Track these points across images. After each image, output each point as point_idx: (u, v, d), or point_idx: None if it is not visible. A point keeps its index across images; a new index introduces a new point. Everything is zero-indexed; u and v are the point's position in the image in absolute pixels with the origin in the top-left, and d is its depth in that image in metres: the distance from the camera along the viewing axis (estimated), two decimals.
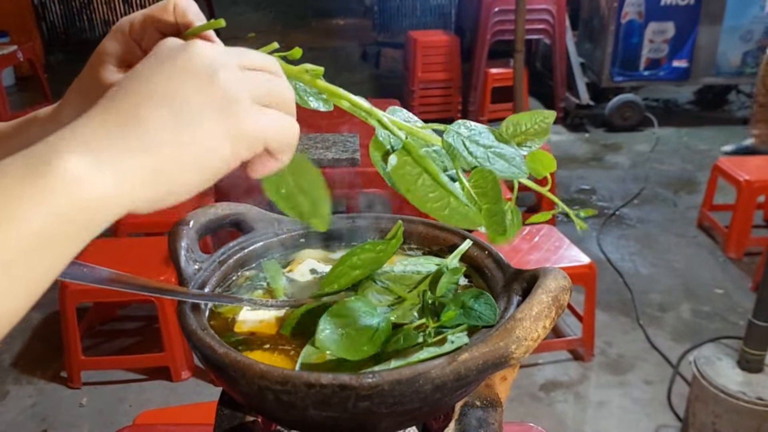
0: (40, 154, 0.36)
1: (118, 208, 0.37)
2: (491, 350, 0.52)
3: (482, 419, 0.66)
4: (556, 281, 0.55)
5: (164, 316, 2.23)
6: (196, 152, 0.39)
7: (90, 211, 0.36)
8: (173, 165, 0.39)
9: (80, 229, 0.36)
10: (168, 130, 0.38)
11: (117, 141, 0.37)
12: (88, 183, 0.36)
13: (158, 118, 0.38)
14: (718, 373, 1.82)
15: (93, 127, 0.38)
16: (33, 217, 0.34)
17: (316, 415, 0.51)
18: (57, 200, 0.35)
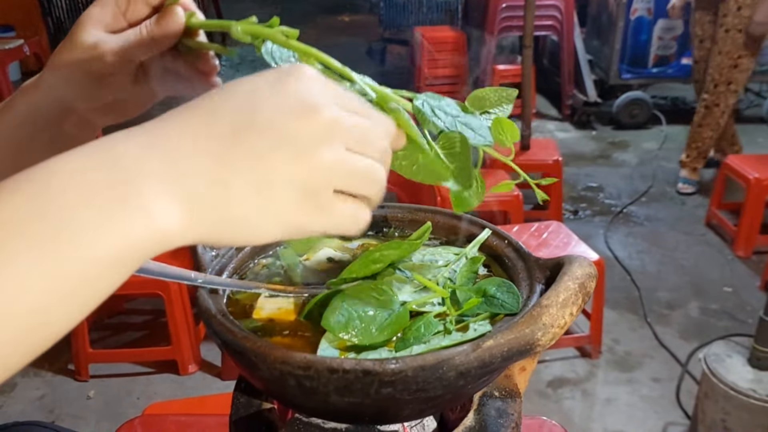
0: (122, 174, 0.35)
1: (179, 243, 0.38)
2: (517, 337, 0.51)
3: (501, 410, 0.66)
4: (582, 268, 0.55)
5: (171, 309, 2.23)
6: (264, 218, 0.39)
7: (157, 244, 0.36)
8: (239, 222, 0.39)
9: (141, 259, 0.37)
10: (248, 190, 0.38)
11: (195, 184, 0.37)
12: (162, 219, 0.36)
13: (245, 174, 0.38)
14: (728, 370, 1.80)
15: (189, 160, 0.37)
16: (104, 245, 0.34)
17: (338, 401, 0.51)
18: (131, 232, 0.35)
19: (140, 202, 0.35)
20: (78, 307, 0.35)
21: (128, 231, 0.35)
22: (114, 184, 0.35)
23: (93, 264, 0.34)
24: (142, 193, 0.35)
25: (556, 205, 3.21)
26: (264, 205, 0.39)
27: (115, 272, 0.36)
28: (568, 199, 3.74)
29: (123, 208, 0.34)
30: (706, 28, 3.58)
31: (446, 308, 0.60)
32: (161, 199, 0.36)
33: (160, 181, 0.36)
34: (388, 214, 0.78)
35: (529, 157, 3.20)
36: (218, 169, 0.37)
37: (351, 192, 0.42)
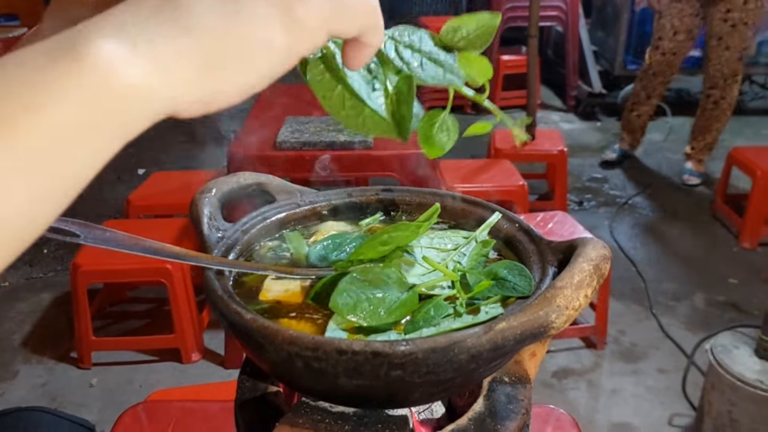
0: (67, 39, 0.31)
1: (157, 102, 0.32)
2: (530, 319, 0.50)
3: (511, 395, 0.64)
4: (596, 250, 0.53)
5: (174, 298, 2.22)
6: (245, 41, 0.34)
7: (125, 101, 0.31)
8: (219, 54, 0.33)
9: (115, 124, 0.31)
10: (212, 14, 0.33)
11: (155, 24, 0.32)
12: (123, 68, 0.31)
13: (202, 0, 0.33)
14: (734, 361, 1.79)
15: (130, 12, 0.32)
16: (62, 105, 0.29)
17: (347, 383, 0.49)
18: (88, 88, 0.30)
19: (87, 57, 0.30)
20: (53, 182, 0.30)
21: (83, 89, 0.30)
22: (63, 49, 0.31)
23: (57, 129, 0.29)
24: (88, 49, 0.30)
25: (561, 196, 3.20)
26: (236, 27, 0.33)
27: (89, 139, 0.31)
28: (573, 189, 3.72)
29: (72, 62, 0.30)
30: (686, 21, 3.53)
31: (456, 291, 0.59)
32: (111, 52, 0.31)
33: (106, 37, 0.31)
34: (395, 198, 0.76)
35: (533, 147, 3.18)
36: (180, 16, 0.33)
37: None
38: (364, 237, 0.67)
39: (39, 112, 0.29)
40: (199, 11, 0.33)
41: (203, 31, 0.33)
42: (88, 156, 0.31)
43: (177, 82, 0.32)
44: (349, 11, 0.38)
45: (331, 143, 2.12)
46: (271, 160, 2.12)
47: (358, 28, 0.39)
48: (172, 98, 0.33)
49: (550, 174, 3.41)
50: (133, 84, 0.31)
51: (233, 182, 0.72)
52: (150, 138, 2.31)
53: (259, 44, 0.34)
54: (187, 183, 2.73)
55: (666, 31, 3.59)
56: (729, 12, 3.37)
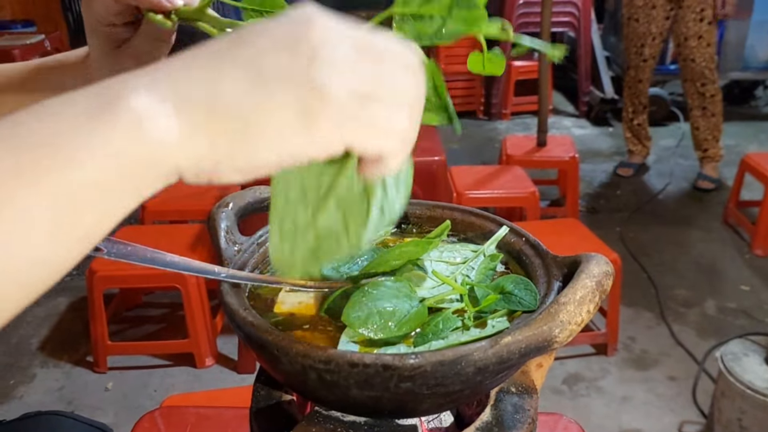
0: (110, 89, 0.33)
1: (175, 161, 0.34)
2: (534, 334, 0.51)
3: (518, 405, 0.66)
4: (599, 266, 0.55)
5: (189, 303, 2.26)
6: (265, 123, 0.34)
7: (149, 156, 0.33)
8: (238, 128, 0.34)
9: (135, 180, 0.33)
10: (241, 89, 0.34)
11: (187, 87, 0.34)
12: (151, 120, 0.32)
13: (235, 73, 0.34)
14: (745, 369, 1.79)
15: (167, 70, 0.34)
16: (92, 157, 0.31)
17: (358, 394, 0.52)
18: (119, 141, 0.31)
19: (126, 108, 0.32)
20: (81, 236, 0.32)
21: (116, 141, 0.31)
22: (98, 101, 0.32)
23: (87, 184, 0.31)
24: (129, 100, 0.32)
25: (573, 202, 3.20)
26: (262, 103, 0.34)
27: (114, 190, 0.32)
28: (585, 195, 3.73)
29: (108, 117, 0.32)
30: (659, 25, 3.62)
31: (464, 305, 0.61)
32: (148, 103, 0.32)
33: (146, 88, 0.33)
34: (406, 211, 0.78)
35: (545, 153, 3.19)
36: (208, 72, 0.34)
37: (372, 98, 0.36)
38: (377, 250, 0.69)
39: (69, 167, 0.31)
40: (230, 96, 0.34)
41: (230, 115, 0.34)
42: (107, 211, 0.33)
43: (197, 143, 0.34)
44: (374, 133, 0.37)
45: None
46: None
47: (379, 151, 0.38)
48: (189, 158, 0.34)
49: (562, 180, 3.41)
50: (159, 138, 0.32)
51: (249, 196, 0.75)
52: None
53: (277, 131, 0.35)
54: (202, 189, 2.76)
55: (646, 38, 3.67)
56: (704, 11, 3.47)
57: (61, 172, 0.30)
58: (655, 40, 3.67)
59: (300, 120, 0.34)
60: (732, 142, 4.50)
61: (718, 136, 3.72)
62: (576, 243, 2.34)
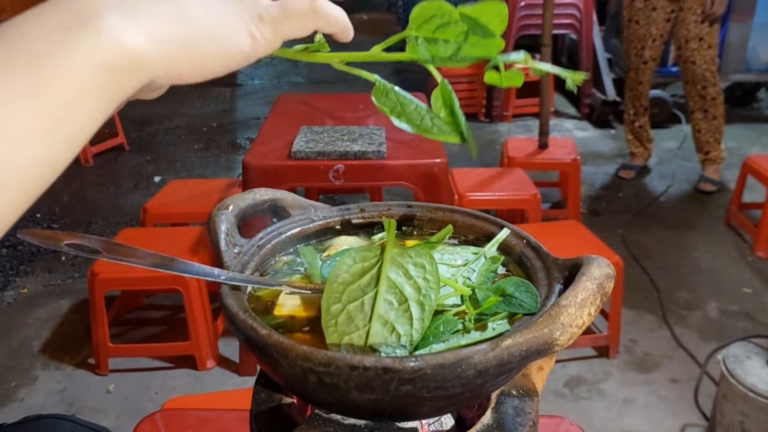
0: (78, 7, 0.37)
1: (147, 68, 0.39)
2: (535, 336, 0.51)
3: (519, 408, 0.66)
4: (600, 269, 0.55)
5: (190, 305, 2.26)
6: (221, 28, 0.42)
7: (125, 66, 0.37)
8: (200, 35, 0.41)
9: (113, 88, 0.37)
10: (201, 7, 0.41)
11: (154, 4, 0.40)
12: (127, 37, 0.37)
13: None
14: (747, 372, 1.79)
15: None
16: (76, 67, 0.35)
17: (358, 397, 0.51)
18: (98, 52, 0.36)
19: (97, 24, 0.36)
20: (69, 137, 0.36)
21: (93, 50, 0.36)
22: (73, 16, 0.37)
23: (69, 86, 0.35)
24: (99, 18, 0.37)
25: (574, 204, 3.20)
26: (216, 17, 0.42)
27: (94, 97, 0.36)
28: (587, 198, 3.73)
29: (85, 29, 0.36)
30: (660, 27, 3.63)
31: (465, 307, 0.61)
32: (118, 18, 0.37)
33: (112, 9, 0.38)
34: (407, 213, 0.78)
35: (546, 156, 3.19)
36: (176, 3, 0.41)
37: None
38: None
39: (57, 75, 0.35)
40: (192, 3, 0.41)
41: (192, 18, 0.41)
42: (92, 113, 0.37)
43: (164, 53, 0.39)
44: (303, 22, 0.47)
45: (345, 153, 2.14)
46: (285, 170, 2.15)
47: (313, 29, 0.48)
48: (158, 66, 0.39)
49: (563, 182, 3.41)
50: (134, 49, 0.37)
51: (249, 198, 0.74)
52: (166, 146, 2.39)
53: (227, 44, 0.43)
54: (203, 191, 2.77)
55: (647, 40, 3.68)
56: (704, 13, 3.46)
57: (48, 83, 0.34)
58: (655, 42, 3.67)
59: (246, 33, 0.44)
60: (734, 144, 4.50)
61: (719, 139, 3.72)
62: (578, 245, 2.34)
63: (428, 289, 0.56)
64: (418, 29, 0.50)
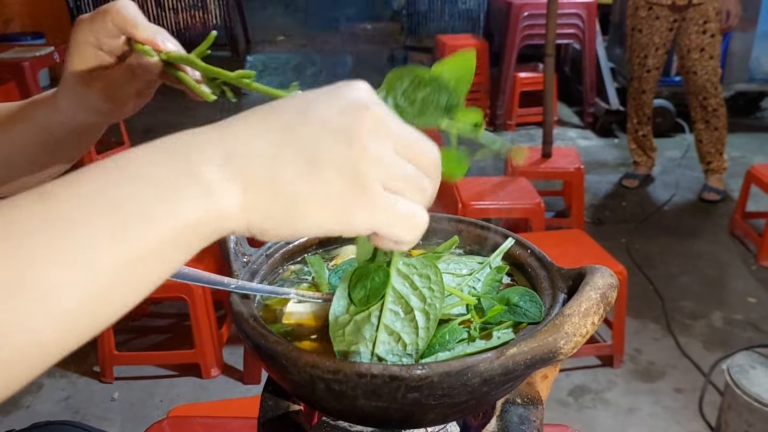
0: (188, 157, 0.39)
1: (230, 229, 0.40)
2: (540, 345, 0.52)
3: (524, 416, 0.67)
4: (603, 279, 0.56)
5: (195, 313, 2.26)
6: (309, 206, 0.40)
7: (214, 223, 0.39)
8: (287, 208, 0.40)
9: (201, 240, 0.39)
10: (299, 172, 0.40)
11: (253, 167, 0.40)
12: (222, 199, 0.39)
13: (295, 156, 0.40)
14: (752, 381, 1.79)
15: (237, 140, 0.40)
16: (170, 221, 0.37)
17: (365, 404, 0.52)
18: (195, 210, 0.38)
19: (201, 183, 0.38)
20: (140, 286, 0.38)
21: (190, 207, 0.38)
22: (178, 169, 0.38)
23: (157, 240, 0.37)
24: (203, 175, 0.38)
25: (578, 213, 3.21)
26: (313, 186, 0.40)
27: (177, 251, 0.38)
28: (590, 207, 3.73)
29: (186, 187, 0.38)
30: (663, 36, 3.65)
31: (470, 316, 0.61)
32: (219, 180, 0.39)
33: (218, 165, 0.39)
34: None
35: (550, 164, 3.20)
36: (272, 153, 0.40)
37: (401, 194, 0.42)
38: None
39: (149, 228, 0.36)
40: (289, 175, 0.40)
41: (285, 193, 0.40)
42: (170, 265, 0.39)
43: (249, 219, 0.40)
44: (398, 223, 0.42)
45: None
46: None
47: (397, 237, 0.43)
48: (243, 226, 0.41)
49: (567, 191, 3.42)
50: (228, 212, 0.39)
51: None
52: None
53: (315, 219, 0.41)
54: None
55: (650, 49, 3.69)
56: (706, 23, 3.50)
57: (144, 232, 0.36)
58: (658, 51, 3.69)
59: (342, 205, 0.41)
60: (737, 153, 4.50)
61: (721, 149, 3.72)
62: (582, 254, 2.34)
63: (433, 299, 0.57)
64: (390, 89, 0.52)
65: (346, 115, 0.41)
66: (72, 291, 0.34)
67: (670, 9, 3.55)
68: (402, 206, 0.42)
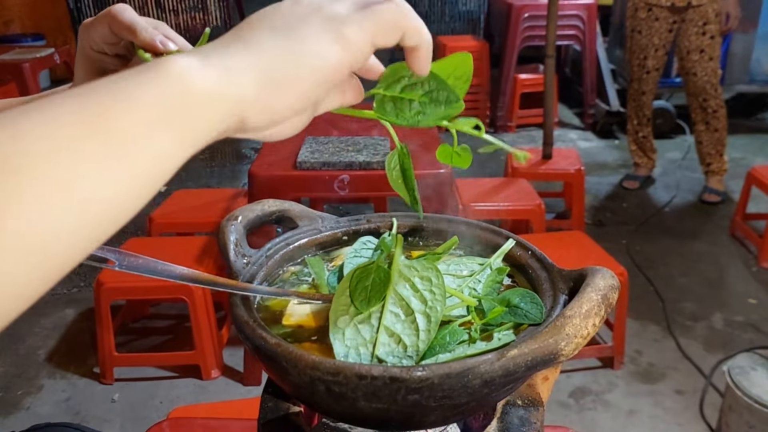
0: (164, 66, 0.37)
1: (224, 105, 0.38)
2: (540, 347, 0.52)
3: (524, 418, 0.67)
4: (605, 280, 0.56)
5: (195, 314, 2.26)
6: (303, 53, 0.40)
7: (197, 103, 0.36)
8: (278, 68, 0.40)
9: (188, 123, 0.36)
10: (273, 37, 0.40)
11: (225, 45, 0.40)
12: (196, 75, 0.37)
13: (264, 29, 0.41)
14: (752, 383, 1.79)
15: (207, 45, 0.40)
16: (144, 101, 0.34)
17: (366, 406, 0.52)
18: (166, 88, 0.35)
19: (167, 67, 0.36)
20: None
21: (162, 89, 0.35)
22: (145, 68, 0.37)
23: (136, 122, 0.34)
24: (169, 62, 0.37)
25: (579, 215, 3.20)
26: (295, 44, 0.40)
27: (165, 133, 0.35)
28: (591, 208, 3.73)
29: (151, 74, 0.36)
30: (663, 37, 3.65)
31: (471, 317, 0.61)
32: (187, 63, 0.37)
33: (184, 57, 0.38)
34: (413, 224, 0.79)
35: (550, 166, 3.20)
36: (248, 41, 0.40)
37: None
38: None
39: (126, 106, 0.34)
40: (262, 34, 0.41)
41: (265, 48, 0.40)
42: (164, 149, 0.35)
43: (242, 87, 0.38)
44: (389, 25, 0.44)
45: (350, 163, 2.16)
46: (291, 180, 2.16)
47: (399, 36, 0.45)
48: (238, 104, 0.38)
49: (567, 193, 3.42)
50: (204, 88, 0.37)
51: (258, 209, 0.76)
52: None
53: (314, 58, 0.41)
54: (208, 201, 2.78)
55: (649, 50, 3.70)
56: (706, 24, 3.50)
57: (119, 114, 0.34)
58: (657, 52, 3.69)
59: (329, 32, 0.41)
60: (738, 154, 4.50)
61: (721, 151, 3.72)
62: (582, 256, 2.34)
63: (434, 301, 0.57)
64: (387, 88, 0.51)
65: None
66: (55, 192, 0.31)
67: (670, 10, 3.55)
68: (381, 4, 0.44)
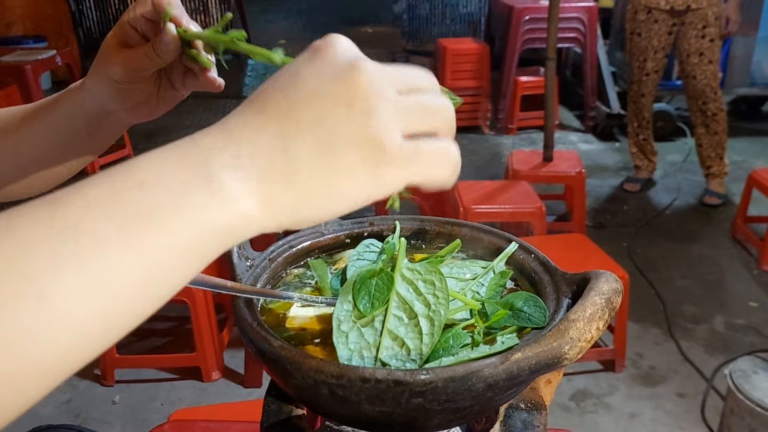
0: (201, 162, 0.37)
1: (256, 228, 0.39)
2: (544, 350, 0.52)
3: (527, 422, 0.67)
4: (608, 284, 0.56)
5: (196, 317, 2.26)
6: (336, 188, 0.39)
7: (235, 228, 0.38)
8: (312, 199, 0.39)
9: (221, 245, 0.38)
10: (315, 159, 0.38)
11: (266, 167, 0.38)
12: (239, 202, 0.37)
13: (307, 140, 0.38)
14: (754, 386, 1.79)
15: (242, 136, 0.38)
16: (185, 229, 0.36)
17: (369, 409, 0.52)
18: (210, 216, 0.36)
19: (216, 186, 0.37)
20: (164, 290, 0.36)
21: (207, 213, 0.36)
22: (188, 174, 0.37)
23: (169, 246, 0.35)
24: (217, 179, 0.37)
25: (580, 217, 3.21)
26: (332, 165, 0.38)
27: (191, 257, 0.37)
28: (592, 211, 3.73)
29: (200, 192, 0.36)
30: (662, 40, 3.66)
31: (474, 321, 0.61)
32: (234, 182, 0.37)
33: (231, 167, 0.37)
34: (416, 227, 0.79)
35: (551, 168, 3.20)
36: (279, 145, 0.38)
37: (422, 130, 0.41)
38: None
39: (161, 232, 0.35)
40: (305, 147, 0.38)
41: (303, 175, 0.38)
42: (189, 272, 0.37)
43: (276, 215, 0.39)
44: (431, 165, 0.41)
45: None
46: None
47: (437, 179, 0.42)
48: (270, 224, 0.39)
49: (569, 195, 3.42)
50: (245, 214, 0.38)
51: None
52: None
53: (345, 198, 0.40)
54: None
55: (648, 52, 3.71)
56: (705, 28, 3.51)
57: (156, 239, 0.35)
58: (657, 55, 3.69)
59: (369, 172, 0.39)
60: (739, 157, 4.50)
61: (722, 154, 3.72)
62: (583, 258, 2.34)
63: (438, 305, 0.57)
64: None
65: (338, 81, 0.39)
66: (79, 301, 0.33)
67: (669, 13, 3.55)
68: (427, 146, 0.41)
